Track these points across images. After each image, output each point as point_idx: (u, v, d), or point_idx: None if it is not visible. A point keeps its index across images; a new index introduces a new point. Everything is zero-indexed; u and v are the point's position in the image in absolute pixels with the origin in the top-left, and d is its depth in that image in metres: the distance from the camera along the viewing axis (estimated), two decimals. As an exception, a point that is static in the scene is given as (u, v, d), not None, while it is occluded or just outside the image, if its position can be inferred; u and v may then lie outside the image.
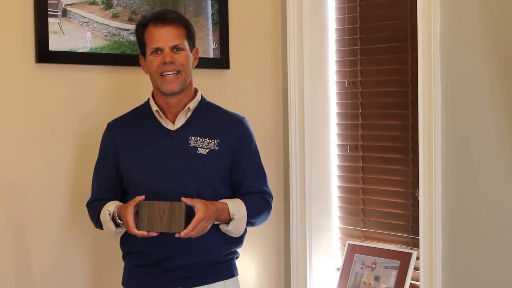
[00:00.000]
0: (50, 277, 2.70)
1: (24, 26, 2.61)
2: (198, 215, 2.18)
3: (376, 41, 3.14)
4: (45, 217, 2.68)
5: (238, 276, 2.47)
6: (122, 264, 2.46)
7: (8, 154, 2.60)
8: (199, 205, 2.19)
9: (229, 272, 2.42)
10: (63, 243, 2.73)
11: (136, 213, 2.20)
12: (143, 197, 2.20)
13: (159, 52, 2.32)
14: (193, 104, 2.39)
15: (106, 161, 2.42)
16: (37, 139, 2.66)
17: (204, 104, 2.44)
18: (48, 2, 2.63)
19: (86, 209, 2.48)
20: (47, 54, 2.65)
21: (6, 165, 2.60)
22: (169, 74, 2.31)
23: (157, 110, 2.37)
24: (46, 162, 2.68)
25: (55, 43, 2.66)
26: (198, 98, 2.42)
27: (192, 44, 2.40)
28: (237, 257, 2.47)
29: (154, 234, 2.19)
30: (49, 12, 2.64)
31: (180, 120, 2.37)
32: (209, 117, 2.41)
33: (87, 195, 2.48)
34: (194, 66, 2.41)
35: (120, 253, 2.45)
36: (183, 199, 2.19)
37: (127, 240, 2.39)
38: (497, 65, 2.54)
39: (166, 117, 2.38)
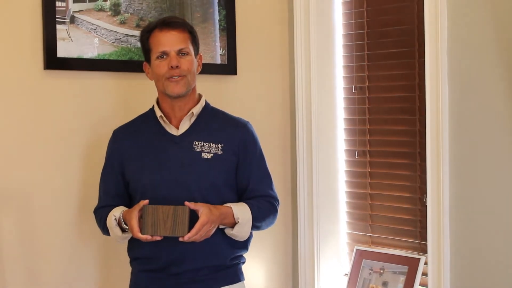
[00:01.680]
0: (59, 282, 2.71)
1: (33, 33, 2.62)
2: (202, 219, 2.18)
3: (383, 46, 3.14)
4: (53, 223, 2.70)
5: (246, 281, 2.47)
6: (129, 269, 2.47)
7: (17, 160, 2.61)
8: (202, 209, 2.20)
9: (235, 277, 2.42)
10: (71, 249, 2.74)
11: (141, 218, 2.21)
12: (147, 201, 2.21)
13: (164, 56, 2.33)
14: (197, 109, 2.40)
15: (112, 168, 2.43)
16: (44, 145, 2.67)
17: (208, 109, 2.45)
18: (56, 9, 2.65)
19: (93, 215, 2.49)
20: (55, 60, 2.66)
21: (15, 171, 2.61)
22: (175, 77, 2.32)
23: (161, 116, 2.38)
24: (54, 168, 2.70)
25: (63, 50, 2.68)
26: (202, 103, 2.43)
27: (196, 50, 2.41)
28: (243, 262, 2.47)
29: (158, 238, 2.19)
30: (57, 19, 2.66)
31: (184, 125, 2.38)
32: (213, 122, 2.42)
33: (95, 200, 2.49)
34: (198, 72, 2.42)
35: (127, 259, 2.46)
36: (186, 203, 2.19)
37: (133, 246, 2.40)
38: (504, 71, 2.54)
39: (170, 122, 2.39)
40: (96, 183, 2.49)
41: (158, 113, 2.39)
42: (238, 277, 2.43)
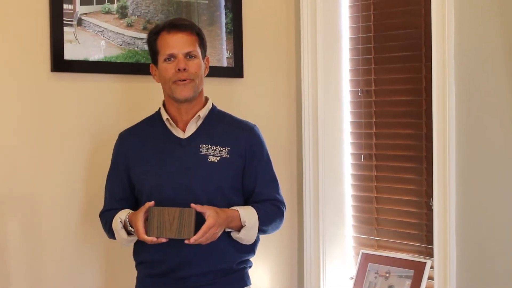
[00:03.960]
0: (63, 286, 2.71)
1: (40, 35, 2.63)
2: (208, 221, 2.18)
3: (390, 50, 3.13)
4: (59, 227, 2.70)
5: (251, 286, 2.46)
6: (135, 273, 2.46)
7: (22, 162, 2.62)
8: (209, 212, 2.19)
9: (242, 281, 2.41)
10: (76, 252, 2.74)
11: (147, 220, 2.20)
12: (152, 203, 2.20)
13: (172, 59, 2.32)
14: (203, 112, 2.39)
15: (118, 171, 2.42)
16: (50, 148, 2.68)
17: (215, 112, 2.44)
18: (64, 11, 2.66)
19: (99, 217, 2.48)
20: (62, 63, 2.67)
21: (21, 174, 2.61)
22: (182, 80, 2.32)
23: (167, 119, 2.37)
24: (60, 170, 2.70)
25: (70, 52, 2.68)
26: (208, 106, 2.42)
27: (204, 53, 2.40)
28: (250, 266, 2.46)
29: (164, 240, 2.18)
30: (64, 22, 2.66)
31: (191, 128, 2.38)
32: (220, 125, 2.41)
33: (100, 203, 2.49)
34: (205, 75, 2.41)
35: (133, 263, 2.45)
36: (192, 205, 2.19)
37: (139, 250, 2.39)
38: None
39: (177, 125, 2.38)
40: (102, 186, 2.49)
41: (165, 115, 2.39)
42: (244, 281, 2.42)
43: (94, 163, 2.76)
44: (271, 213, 2.38)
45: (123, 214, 2.31)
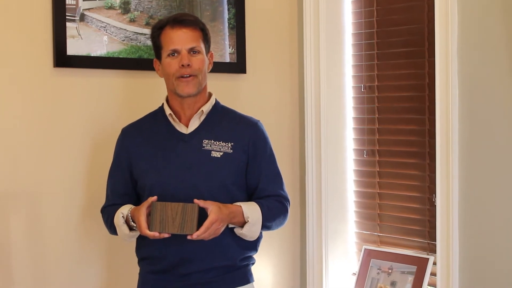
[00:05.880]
0: (66, 282, 2.72)
1: (42, 31, 2.63)
2: (211, 217, 2.17)
3: (393, 45, 3.13)
4: (61, 223, 2.70)
5: (254, 283, 2.45)
6: (137, 270, 2.45)
7: (25, 158, 2.62)
8: (212, 207, 2.18)
9: (245, 278, 2.40)
10: (78, 248, 2.75)
11: (149, 215, 2.20)
12: (155, 197, 2.20)
13: (176, 54, 2.32)
14: (206, 108, 2.38)
15: (120, 166, 2.42)
16: (53, 143, 2.68)
17: (218, 108, 2.43)
18: (66, 6, 2.66)
19: (100, 213, 2.48)
20: (65, 58, 2.67)
21: (23, 169, 2.62)
22: (186, 77, 2.31)
23: (170, 114, 2.37)
24: (62, 166, 2.70)
25: (73, 48, 2.68)
26: (212, 101, 2.41)
27: (207, 48, 2.39)
28: (253, 263, 2.45)
29: (166, 235, 2.17)
30: (67, 17, 2.66)
31: (194, 124, 2.37)
32: (223, 120, 2.40)
33: (103, 200, 2.48)
34: (209, 71, 2.41)
35: (135, 259, 2.45)
36: (195, 200, 2.18)
37: (141, 245, 2.38)
38: (514, 70, 2.53)
39: (180, 120, 2.37)
40: (104, 182, 2.49)
41: (168, 111, 2.38)
42: (247, 278, 2.41)
43: (96, 158, 2.76)
44: (274, 209, 2.37)
45: (125, 209, 2.30)
